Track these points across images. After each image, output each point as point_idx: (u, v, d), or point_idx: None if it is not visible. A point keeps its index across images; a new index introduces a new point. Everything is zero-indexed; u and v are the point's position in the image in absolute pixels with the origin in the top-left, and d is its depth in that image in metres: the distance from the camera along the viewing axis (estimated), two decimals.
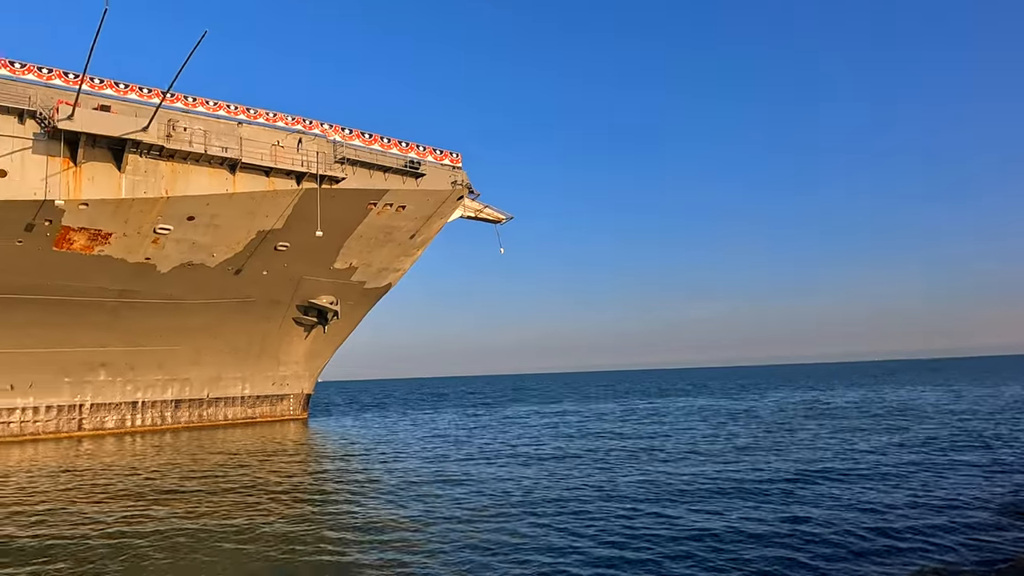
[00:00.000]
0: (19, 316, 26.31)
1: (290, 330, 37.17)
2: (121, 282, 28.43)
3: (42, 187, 24.10)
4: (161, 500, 14.64)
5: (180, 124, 27.78)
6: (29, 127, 24.20)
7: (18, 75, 24.34)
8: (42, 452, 24.48)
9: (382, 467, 19.12)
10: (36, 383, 28.19)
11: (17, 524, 12.27)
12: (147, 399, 32.18)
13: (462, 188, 36.52)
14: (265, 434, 30.22)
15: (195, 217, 28.51)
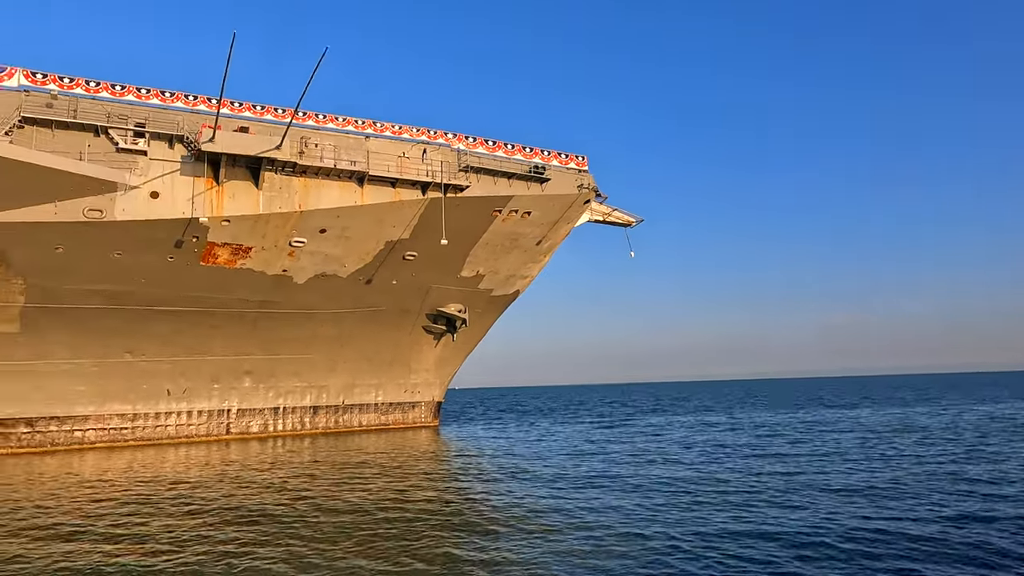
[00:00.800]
0: (171, 326, 28.36)
1: (420, 338, 37.60)
2: (261, 293, 29.89)
3: (189, 206, 25.74)
4: (308, 499, 14.91)
5: (311, 141, 28.76)
6: (177, 151, 25.96)
7: (168, 103, 26.22)
8: (199, 453, 26.16)
9: (514, 475, 18.17)
10: (189, 389, 30.33)
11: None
12: (287, 405, 33.73)
13: (589, 191, 35.16)
14: (398, 440, 30.55)
15: (327, 230, 29.39)
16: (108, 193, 24.13)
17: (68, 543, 11.46)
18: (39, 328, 25.70)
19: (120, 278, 26.09)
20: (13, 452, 26.00)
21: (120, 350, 27.91)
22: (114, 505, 15.01)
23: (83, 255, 24.71)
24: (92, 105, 24.67)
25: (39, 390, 26.61)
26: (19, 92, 23.39)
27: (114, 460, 24.37)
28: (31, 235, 23.34)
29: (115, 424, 28.57)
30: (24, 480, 19.37)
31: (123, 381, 28.46)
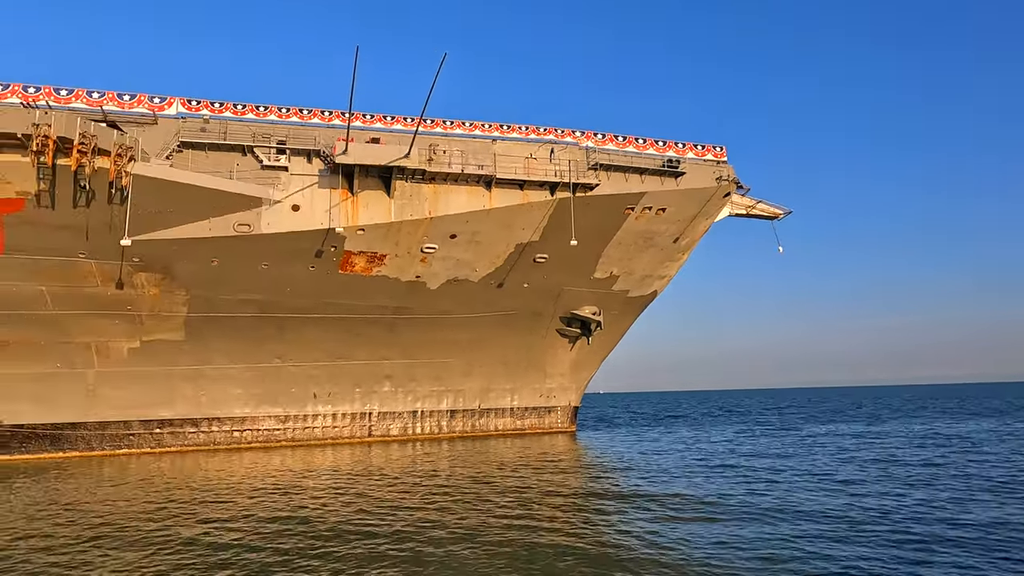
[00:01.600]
0: (316, 333, 29.73)
1: (554, 342, 36.89)
2: (397, 300, 30.60)
3: (327, 217, 26.82)
4: (449, 501, 15.05)
5: (439, 147, 29.02)
6: (315, 165, 27.16)
7: (306, 120, 27.52)
8: (346, 454, 27.21)
9: (665, 485, 17.07)
10: (333, 393, 31.70)
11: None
12: (425, 409, 34.32)
13: (728, 184, 32.71)
14: (534, 445, 30.03)
15: (457, 235, 29.51)
16: (254, 208, 25.67)
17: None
18: (201, 336, 27.90)
19: (268, 288, 27.70)
20: (182, 450, 28.42)
21: (271, 356, 29.69)
22: (284, 495, 15.56)
23: (235, 267, 26.47)
24: (240, 127, 26.41)
25: (203, 393, 28.91)
26: (177, 119, 25.50)
27: (271, 458, 25.94)
28: (190, 250, 25.33)
29: (268, 426, 30.44)
30: (202, 475, 20.90)
31: (274, 385, 30.26)
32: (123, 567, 10.36)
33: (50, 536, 12.57)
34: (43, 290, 24.43)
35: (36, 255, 23.58)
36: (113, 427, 27.31)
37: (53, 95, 23.90)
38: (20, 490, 18.49)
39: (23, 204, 22.53)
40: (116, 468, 23.33)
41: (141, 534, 12.58)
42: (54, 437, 26.38)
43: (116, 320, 26.18)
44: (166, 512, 14.76)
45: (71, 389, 26.48)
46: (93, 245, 23.97)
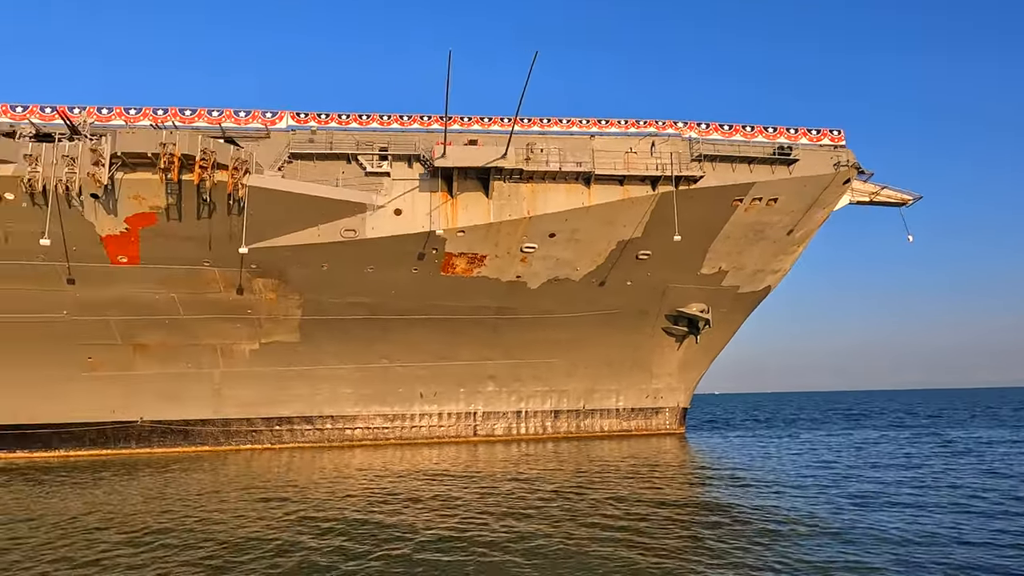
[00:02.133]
0: (420, 334, 30.38)
1: (661, 341, 35.76)
2: (498, 300, 30.70)
3: (428, 220, 27.32)
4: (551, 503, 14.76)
5: (537, 146, 28.83)
6: (416, 169, 27.75)
7: (406, 126, 28.17)
8: (452, 453, 27.70)
9: (792, 500, 15.66)
10: (439, 393, 32.28)
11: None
12: (529, 409, 34.25)
13: (848, 170, 30.38)
14: (641, 448, 29.23)
15: (556, 233, 29.22)
16: (359, 214, 26.56)
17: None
18: (314, 338, 29.23)
19: (374, 291, 28.60)
20: (300, 446, 29.92)
21: (379, 356, 30.64)
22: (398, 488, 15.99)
23: (343, 271, 27.52)
24: (344, 136, 27.43)
25: (317, 393, 30.30)
26: (287, 132, 26.85)
27: (383, 455, 26.83)
28: (302, 256, 26.58)
29: (377, 424, 31.45)
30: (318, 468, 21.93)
31: (382, 385, 31.22)
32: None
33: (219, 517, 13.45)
34: (173, 297, 26.45)
35: (166, 264, 25.57)
36: (236, 424, 29.18)
37: (178, 115, 25.85)
38: (172, 479, 20.07)
39: (155, 218, 24.47)
40: (255, 462, 24.89)
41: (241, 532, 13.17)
42: (186, 433, 28.54)
43: (238, 324, 27.93)
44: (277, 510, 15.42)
45: (200, 388, 28.54)
46: (216, 254, 25.66)
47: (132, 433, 27.85)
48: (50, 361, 26.37)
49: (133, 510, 15.24)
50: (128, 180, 23.74)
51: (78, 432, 27.29)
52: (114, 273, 25.29)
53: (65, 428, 27.26)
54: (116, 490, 18.37)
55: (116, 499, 16.83)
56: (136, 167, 23.72)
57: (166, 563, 10.57)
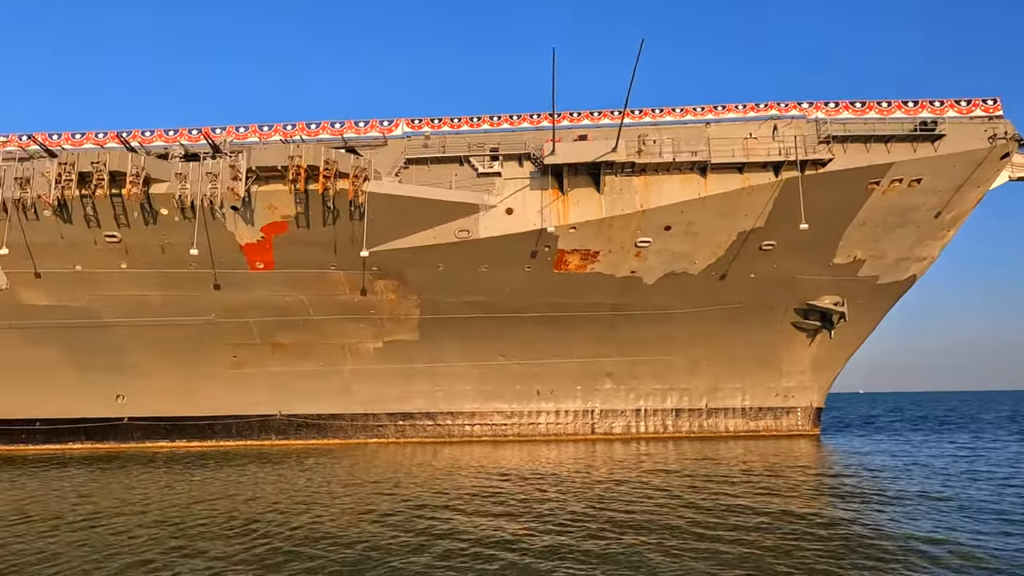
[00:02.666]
0: (535, 332, 30.55)
1: (791, 337, 33.69)
2: (613, 296, 30.25)
3: (539, 218, 27.41)
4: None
5: (649, 137, 28.09)
6: (526, 168, 27.92)
7: (516, 125, 28.42)
8: (570, 451, 27.75)
9: (948, 517, 13.48)
10: (555, 390, 32.30)
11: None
12: (649, 407, 33.47)
13: (1006, 143, 27.15)
14: (770, 450, 27.75)
15: (671, 226, 28.35)
16: (472, 214, 27.13)
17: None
18: (433, 336, 30.23)
19: (489, 289, 29.10)
20: (422, 441, 31.07)
21: (495, 354, 31.16)
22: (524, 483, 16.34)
23: (458, 271, 28.23)
24: (456, 139, 28.13)
25: (437, 389, 31.32)
26: (403, 139, 27.95)
27: (501, 451, 27.36)
28: (419, 257, 27.57)
29: (496, 421, 32.00)
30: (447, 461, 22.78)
31: (500, 382, 31.72)
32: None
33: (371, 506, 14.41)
34: (304, 299, 28.35)
35: (297, 269, 27.44)
36: (363, 419, 30.80)
37: (305, 129, 27.65)
38: (318, 468, 21.63)
39: (286, 226, 26.34)
40: (382, 454, 26.28)
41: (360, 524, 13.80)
42: (319, 426, 30.51)
43: (362, 323, 29.46)
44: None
45: (331, 385, 30.40)
46: (340, 258, 27.20)
47: (272, 426, 30.20)
48: (201, 359, 29.15)
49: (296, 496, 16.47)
50: (262, 192, 25.72)
51: (227, 424, 29.95)
52: (252, 278, 27.50)
53: (219, 420, 30.00)
54: (284, 475, 19.99)
55: (278, 485, 18.30)
56: (268, 180, 25.64)
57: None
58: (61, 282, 27.03)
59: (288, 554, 10.70)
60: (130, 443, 29.32)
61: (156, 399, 29.50)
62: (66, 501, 16.27)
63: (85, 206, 25.40)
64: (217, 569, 9.88)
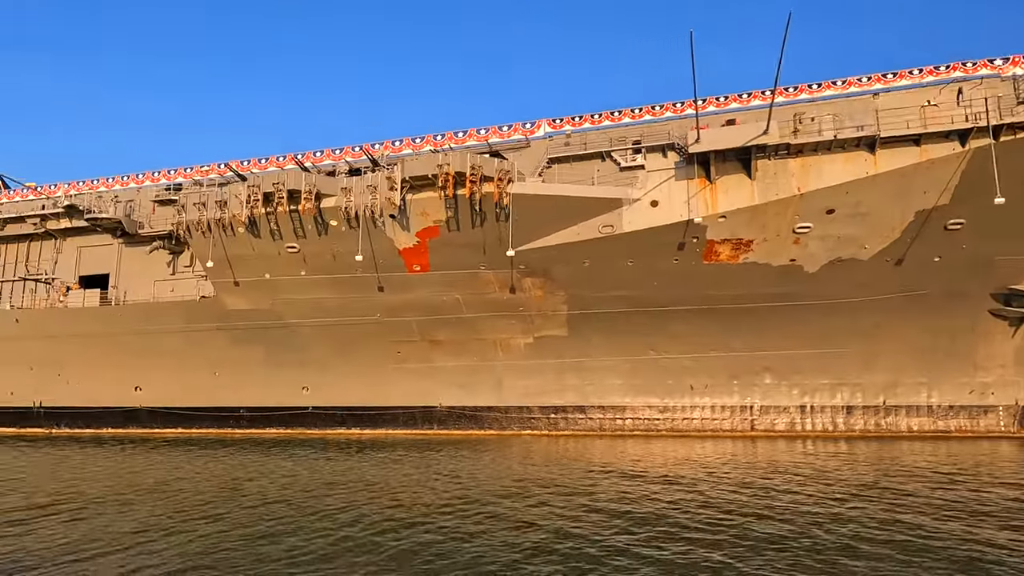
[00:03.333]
0: (686, 325, 29.70)
1: (988, 326, 29.76)
2: (770, 286, 28.58)
3: (686, 208, 26.61)
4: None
5: (806, 115, 26.13)
6: (671, 158, 27.17)
7: (658, 116, 27.73)
8: (728, 448, 26.92)
9: None
10: (710, 385, 31.21)
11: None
12: (815, 404, 31.24)
13: None
14: (964, 453, 24.90)
15: (835, 209, 26.21)
16: (616, 209, 26.96)
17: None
18: (581, 331, 30.52)
19: (635, 284, 28.79)
20: (574, 434, 31.55)
21: (645, 348, 30.77)
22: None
23: (603, 266, 28.23)
24: (598, 135, 28.05)
25: (587, 383, 31.60)
26: (545, 139, 28.41)
27: (653, 446, 27.21)
28: (564, 254, 27.94)
29: (648, 415, 31.62)
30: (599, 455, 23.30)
31: (651, 376, 31.28)
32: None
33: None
34: (458, 298, 29.91)
35: (450, 270, 29.02)
36: (516, 411, 31.91)
37: (453, 138, 29.10)
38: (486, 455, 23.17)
39: (438, 230, 27.96)
40: (535, 445, 27.32)
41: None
42: (476, 418, 32.10)
43: (512, 320, 30.48)
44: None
45: (485, 378, 31.84)
46: (489, 258, 28.35)
47: (434, 416, 32.30)
48: (370, 355, 31.87)
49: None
50: (416, 200, 27.52)
51: (395, 414, 32.54)
52: (411, 280, 29.54)
53: (388, 410, 32.69)
54: (463, 458, 21.67)
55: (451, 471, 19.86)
56: (421, 188, 27.36)
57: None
58: (254, 289, 30.91)
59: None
60: (313, 430, 32.88)
61: (334, 391, 32.78)
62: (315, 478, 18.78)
63: (270, 222, 28.76)
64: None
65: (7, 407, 36.15)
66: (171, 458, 25.14)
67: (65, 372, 35.14)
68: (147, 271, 34.19)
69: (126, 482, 19.38)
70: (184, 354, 33.21)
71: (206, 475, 20.59)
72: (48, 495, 17.12)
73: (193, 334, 32.65)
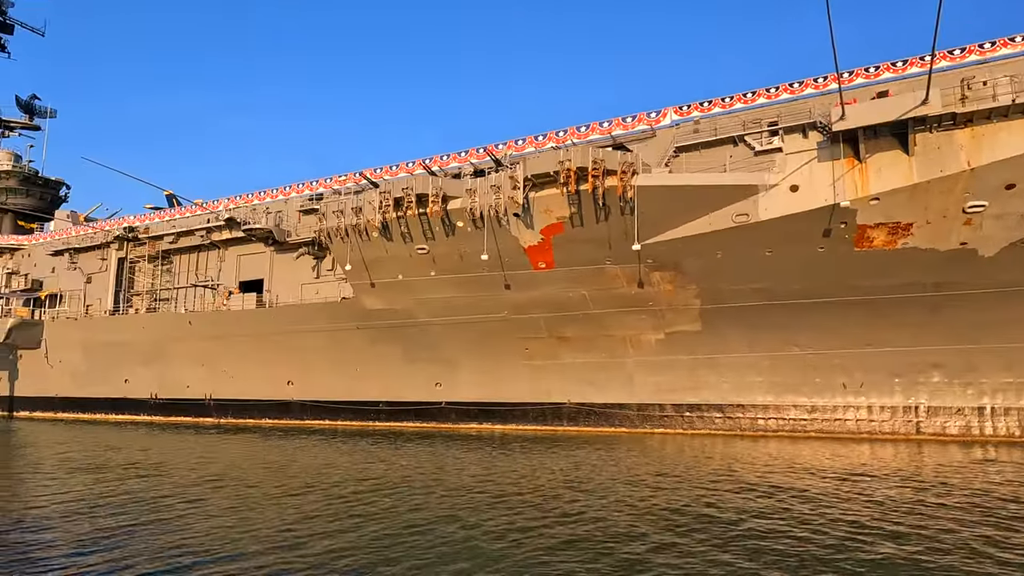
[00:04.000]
0: (835, 318, 27.16)
1: None
2: (935, 274, 25.50)
3: (830, 192, 24.32)
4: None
5: (976, 79, 22.92)
6: (812, 138, 24.89)
7: (797, 93, 25.49)
8: (889, 452, 24.51)
9: None
10: (866, 383, 28.42)
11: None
12: (997, 405, 27.52)
13: None
14: None
15: (1015, 184, 22.87)
16: (750, 196, 25.17)
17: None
18: (716, 326, 28.89)
19: (775, 274, 26.77)
20: (710, 433, 30.00)
21: (788, 344, 28.57)
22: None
23: (739, 257, 26.49)
24: (729, 119, 26.29)
25: (724, 380, 29.88)
26: (671, 128, 27.07)
27: (801, 448, 25.34)
28: (695, 246, 26.53)
29: (793, 415, 29.36)
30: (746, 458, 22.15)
31: (796, 374, 29.01)
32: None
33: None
34: (584, 294, 29.36)
35: (575, 266, 28.52)
36: (649, 409, 30.84)
37: (575, 133, 28.51)
38: (623, 457, 22.83)
39: (562, 227, 27.55)
40: (669, 445, 26.40)
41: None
42: (606, 415, 31.42)
43: (642, 315, 29.45)
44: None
45: (615, 375, 31.05)
46: (615, 253, 27.54)
47: (563, 413, 32.02)
48: (500, 352, 32.14)
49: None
50: (539, 197, 27.28)
51: (525, 410, 32.65)
52: (536, 277, 29.38)
53: (518, 407, 32.88)
54: (596, 456, 21.53)
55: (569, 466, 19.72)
56: (543, 185, 27.07)
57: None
58: (389, 290, 32.18)
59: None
60: (447, 423, 33.77)
61: (466, 387, 33.44)
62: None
63: (400, 225, 29.76)
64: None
65: (185, 399, 40.41)
66: (356, 448, 26.81)
67: (229, 368, 38.65)
68: (295, 275, 36.73)
69: (351, 471, 20.89)
70: (329, 351, 35.34)
71: (413, 465, 21.85)
72: (305, 483, 18.56)
73: (336, 333, 34.63)
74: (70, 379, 44.61)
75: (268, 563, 10.86)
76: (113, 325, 42.42)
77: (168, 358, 40.52)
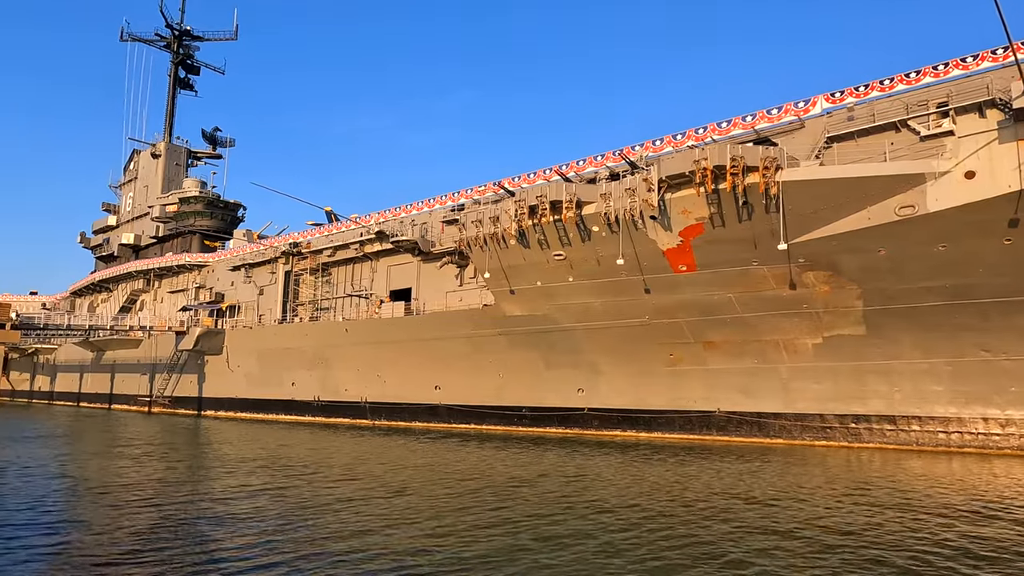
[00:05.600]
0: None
1: None
2: None
3: (1014, 177, 21.36)
4: None
5: None
6: (991, 118, 21.98)
7: (971, 69, 22.58)
8: None
9: None
10: None
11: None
12: None
13: None
14: None
15: None
16: (916, 186, 22.70)
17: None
18: (884, 329, 26.31)
19: (953, 271, 23.93)
20: (880, 447, 27.34)
21: (975, 348, 25.39)
22: None
23: (906, 254, 23.98)
24: (889, 103, 23.84)
25: (896, 389, 27.09)
26: (822, 117, 25.00)
27: (1010, 467, 22.50)
28: (852, 243, 24.35)
29: (982, 429, 26.03)
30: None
31: (985, 382, 25.68)
32: None
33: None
34: (731, 297, 27.89)
35: (719, 268, 27.17)
36: (808, 419, 28.68)
37: (715, 129, 27.18)
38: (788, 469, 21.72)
39: (702, 228, 26.37)
40: (831, 459, 24.49)
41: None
42: (759, 424, 29.62)
43: (795, 318, 27.47)
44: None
45: (767, 382, 29.19)
46: (761, 253, 25.94)
47: (712, 422, 30.60)
48: (642, 358, 31.35)
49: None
50: (675, 199, 26.31)
51: (670, 418, 31.61)
52: (677, 280, 28.36)
53: (662, 414, 31.93)
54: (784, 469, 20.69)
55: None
56: (679, 186, 26.07)
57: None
58: (528, 296, 32.51)
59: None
60: (590, 430, 33.46)
61: (608, 393, 32.99)
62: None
63: (537, 232, 29.96)
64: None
65: (343, 401, 43.38)
66: (524, 453, 26.93)
67: (382, 373, 40.96)
68: (440, 284, 38.22)
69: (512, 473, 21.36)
70: (473, 357, 36.36)
71: (609, 474, 21.50)
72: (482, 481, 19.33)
73: (479, 339, 35.56)
74: (246, 382, 49.49)
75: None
76: (281, 333, 46.52)
77: (328, 363, 43.71)
